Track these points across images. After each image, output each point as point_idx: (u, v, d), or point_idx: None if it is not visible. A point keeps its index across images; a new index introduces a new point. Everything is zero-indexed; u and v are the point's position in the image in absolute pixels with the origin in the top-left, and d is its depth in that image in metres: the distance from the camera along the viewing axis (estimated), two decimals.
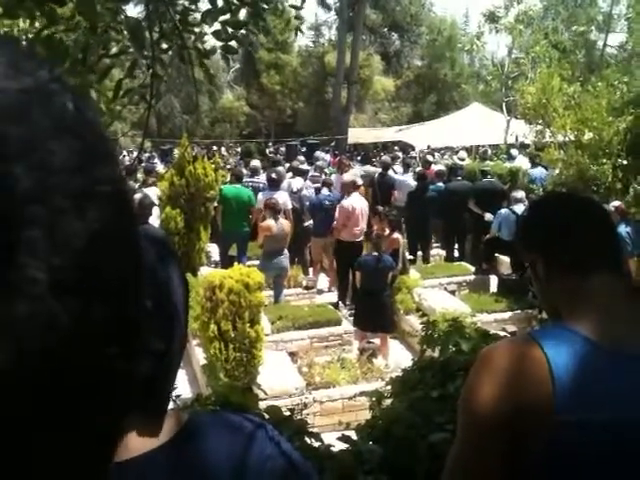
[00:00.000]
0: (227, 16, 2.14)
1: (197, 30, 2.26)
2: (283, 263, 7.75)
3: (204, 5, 2.27)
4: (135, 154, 16.55)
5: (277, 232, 7.63)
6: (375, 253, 7.01)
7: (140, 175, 11.09)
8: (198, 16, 2.19)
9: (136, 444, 0.81)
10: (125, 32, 2.08)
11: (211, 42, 2.54)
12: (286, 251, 7.91)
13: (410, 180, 10.93)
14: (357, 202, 8.58)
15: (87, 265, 0.28)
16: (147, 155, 20.19)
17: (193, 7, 2.19)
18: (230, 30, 2.14)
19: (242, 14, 2.32)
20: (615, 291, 1.26)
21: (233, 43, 2.22)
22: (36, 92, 0.29)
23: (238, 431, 0.89)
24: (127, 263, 0.31)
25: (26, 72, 0.29)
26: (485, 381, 1.18)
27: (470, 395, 1.21)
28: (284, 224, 7.78)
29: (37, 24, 1.84)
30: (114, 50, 2.19)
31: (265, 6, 2.18)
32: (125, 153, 20.87)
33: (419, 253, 10.32)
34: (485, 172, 10.38)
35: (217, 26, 2.20)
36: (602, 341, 1.17)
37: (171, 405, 2.92)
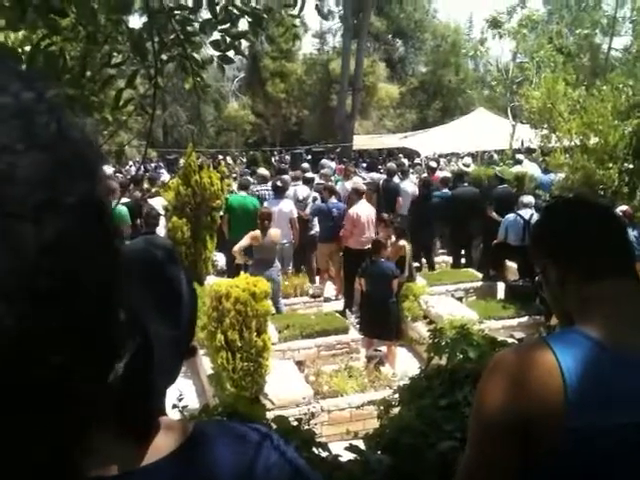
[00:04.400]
0: (226, 26, 2.14)
1: (198, 40, 2.26)
2: (273, 275, 7.43)
3: (204, 15, 2.28)
4: (141, 164, 16.63)
5: (265, 242, 7.45)
6: (373, 258, 6.98)
7: (146, 185, 11.15)
8: (197, 26, 2.19)
9: (136, 456, 0.80)
10: (127, 43, 2.09)
11: (208, 52, 2.54)
12: (277, 263, 7.70)
13: (409, 187, 10.91)
14: (363, 210, 8.56)
15: (40, 272, 0.28)
16: (154, 165, 20.30)
17: (193, 17, 2.19)
18: (228, 40, 2.14)
19: (242, 24, 2.32)
20: (627, 296, 1.26)
21: (231, 53, 2.23)
22: (14, 110, 0.30)
23: (243, 441, 0.88)
24: (88, 274, 0.31)
25: (9, 91, 0.31)
26: (497, 386, 1.18)
27: (482, 400, 1.21)
28: (273, 235, 7.56)
29: (34, 36, 1.86)
30: (115, 60, 2.20)
31: (265, 15, 2.18)
32: (131, 163, 20.99)
33: (423, 260, 10.30)
34: (500, 178, 10.29)
35: (215, 35, 2.21)
36: (614, 346, 1.16)
37: (178, 415, 2.88)
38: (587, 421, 1.11)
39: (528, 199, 8.67)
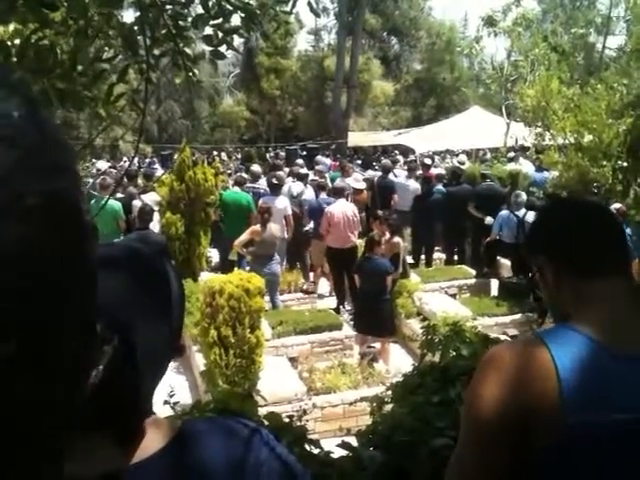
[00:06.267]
0: (218, 21, 2.13)
1: (189, 35, 2.25)
2: (273, 268, 7.61)
3: (196, 10, 2.27)
4: (136, 160, 16.55)
5: (265, 237, 7.54)
6: (367, 255, 6.99)
7: (140, 181, 11.10)
8: (190, 21, 2.18)
9: (124, 455, 0.80)
10: (119, 37, 2.08)
11: (201, 47, 2.52)
12: (277, 256, 7.82)
13: (412, 184, 10.90)
14: (338, 209, 8.53)
15: None
16: (148, 161, 20.24)
17: (185, 12, 2.18)
18: (221, 35, 2.13)
19: (235, 19, 2.31)
20: (621, 294, 1.26)
21: (223, 48, 2.21)
22: None
23: (233, 436, 0.88)
24: (52, 287, 0.28)
25: None
26: (490, 382, 1.18)
27: (475, 396, 1.21)
28: (273, 229, 7.67)
29: (25, 30, 1.83)
30: (107, 55, 2.18)
31: (258, 11, 2.17)
32: (126, 159, 20.93)
33: (422, 257, 10.32)
34: (485, 176, 10.37)
35: (208, 30, 2.19)
36: (607, 342, 1.17)
37: (169, 411, 2.87)
38: (581, 417, 1.11)
39: (522, 197, 8.69)
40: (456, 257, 10.48)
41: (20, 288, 0.27)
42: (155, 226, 8.11)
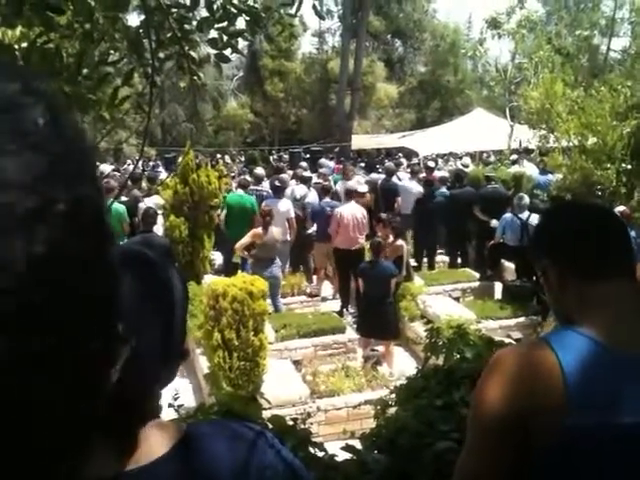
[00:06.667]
0: (223, 24, 2.14)
1: (194, 38, 2.26)
2: (274, 271, 7.62)
3: (201, 13, 2.28)
4: (140, 163, 16.57)
5: (267, 240, 7.55)
6: (373, 259, 6.99)
7: (145, 184, 11.13)
8: (195, 24, 2.19)
9: (122, 459, 0.79)
10: (124, 41, 2.09)
11: (205, 50, 2.53)
12: (278, 260, 7.83)
13: (415, 187, 10.88)
14: (348, 210, 8.55)
15: (29, 291, 0.26)
16: (152, 164, 20.28)
17: (190, 15, 2.19)
18: (225, 38, 2.14)
19: (240, 22, 2.32)
20: (625, 296, 1.27)
21: (228, 51, 2.22)
22: None
23: (238, 439, 0.88)
24: (83, 288, 0.29)
25: None
26: (496, 384, 1.19)
27: (481, 399, 1.22)
28: (275, 232, 7.69)
29: (31, 33, 1.84)
30: (112, 58, 2.20)
31: (262, 14, 2.18)
32: (130, 162, 20.96)
33: (424, 260, 10.30)
34: (490, 178, 10.36)
35: (213, 34, 2.20)
36: (612, 345, 1.18)
37: (174, 414, 2.86)
38: (584, 418, 1.12)
39: (525, 200, 8.67)
40: (460, 260, 10.46)
41: (47, 291, 0.27)
42: (159, 229, 8.13)
